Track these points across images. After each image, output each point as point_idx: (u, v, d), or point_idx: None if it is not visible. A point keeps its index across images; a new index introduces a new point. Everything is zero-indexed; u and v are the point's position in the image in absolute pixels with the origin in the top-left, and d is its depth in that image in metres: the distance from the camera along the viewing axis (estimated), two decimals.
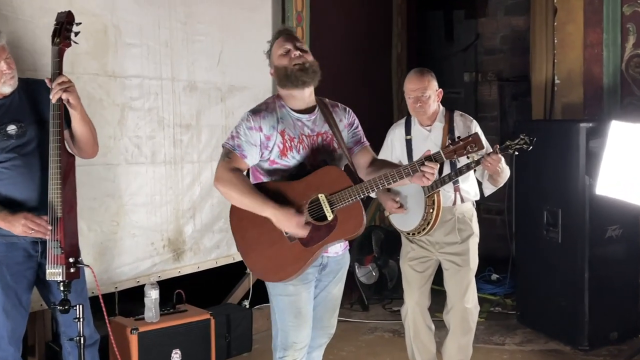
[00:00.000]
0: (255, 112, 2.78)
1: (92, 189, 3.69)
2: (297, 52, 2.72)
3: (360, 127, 2.96)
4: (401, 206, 3.63)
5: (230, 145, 2.74)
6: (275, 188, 2.71)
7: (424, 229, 3.63)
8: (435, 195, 3.58)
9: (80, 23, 2.85)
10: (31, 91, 2.89)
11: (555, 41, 5.24)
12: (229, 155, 2.72)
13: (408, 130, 3.78)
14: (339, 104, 2.97)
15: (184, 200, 4.19)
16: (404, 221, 3.73)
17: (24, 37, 3.33)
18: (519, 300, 5.09)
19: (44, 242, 2.81)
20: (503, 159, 3.41)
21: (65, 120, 2.83)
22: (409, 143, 3.76)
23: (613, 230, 4.46)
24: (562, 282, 4.54)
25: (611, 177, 3.63)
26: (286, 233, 2.69)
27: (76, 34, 2.84)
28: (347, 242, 2.95)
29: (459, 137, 2.65)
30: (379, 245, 5.52)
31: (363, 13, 5.73)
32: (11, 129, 2.81)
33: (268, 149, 2.74)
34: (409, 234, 3.73)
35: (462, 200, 3.71)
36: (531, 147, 3.31)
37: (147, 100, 3.95)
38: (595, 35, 5.03)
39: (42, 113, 2.85)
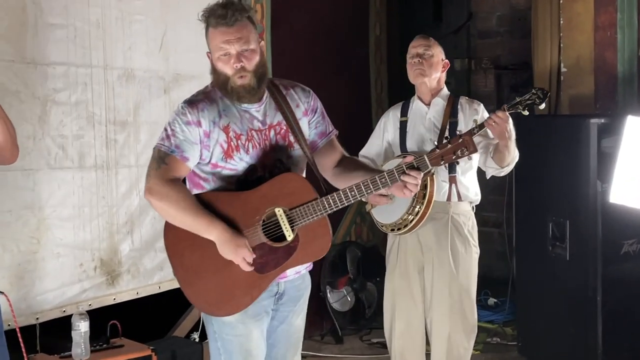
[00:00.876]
0: (192, 102, 2.70)
1: (7, 200, 3.63)
2: (239, 65, 2.63)
3: (325, 115, 2.90)
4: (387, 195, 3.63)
5: (166, 146, 2.65)
6: (221, 200, 2.66)
7: (411, 221, 3.61)
8: (429, 178, 3.57)
9: None
10: None
11: (562, 22, 5.30)
12: (166, 160, 2.64)
13: (404, 112, 3.88)
14: (298, 85, 2.88)
15: (120, 212, 4.15)
16: (387, 212, 3.71)
17: None
18: (520, 328, 5.12)
19: None
20: (511, 121, 3.45)
21: None
22: (403, 125, 3.84)
23: (630, 245, 4.51)
24: (571, 306, 4.57)
25: (628, 182, 3.65)
26: None
27: None
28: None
29: (447, 138, 2.62)
30: (355, 264, 5.52)
31: None
32: None
33: (208, 149, 2.67)
34: (392, 229, 3.72)
35: (459, 198, 3.73)
36: (544, 104, 3.40)
37: (73, 93, 3.91)
38: (608, 16, 5.09)
39: None
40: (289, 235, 2.61)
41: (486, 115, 3.75)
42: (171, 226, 2.70)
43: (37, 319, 3.78)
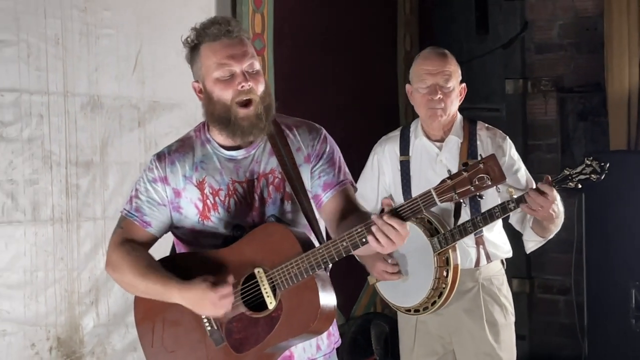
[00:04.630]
0: (161, 155, 2.78)
1: None
2: (248, 85, 2.64)
3: (337, 161, 2.82)
4: (398, 270, 3.63)
5: (126, 210, 2.76)
6: (192, 262, 2.70)
7: (433, 304, 3.62)
8: (450, 251, 3.59)
9: None
10: None
11: None
12: (122, 224, 2.75)
13: (405, 148, 3.78)
14: (305, 123, 2.85)
15: (82, 277, 4.19)
16: (401, 292, 3.70)
17: None
18: None
19: None
20: (559, 197, 3.41)
21: None
22: (405, 167, 3.76)
23: None
24: None
25: None
26: (209, 330, 2.66)
27: None
28: (331, 341, 2.88)
29: (465, 164, 2.46)
30: (381, 342, 5.50)
31: None
32: None
33: (180, 212, 2.75)
34: (409, 311, 3.72)
35: (488, 259, 3.71)
36: (602, 177, 3.32)
37: (26, 126, 3.97)
38: None
39: None
40: (271, 303, 2.61)
41: (514, 153, 3.71)
42: (141, 297, 2.76)
43: None
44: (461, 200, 2.49)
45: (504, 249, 3.77)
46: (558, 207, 3.42)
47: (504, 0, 6.60)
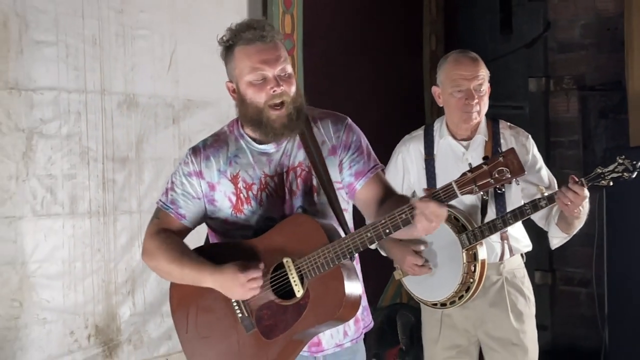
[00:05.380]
0: (196, 150, 2.85)
1: None
2: (280, 89, 2.69)
3: (365, 149, 2.86)
4: (425, 263, 3.64)
5: (162, 202, 2.85)
6: (226, 251, 2.78)
7: (460, 297, 3.66)
8: (478, 246, 3.62)
9: None
10: None
11: None
12: (159, 216, 2.85)
13: (429, 147, 3.79)
14: (331, 115, 2.89)
15: (118, 268, 4.25)
16: (428, 287, 3.73)
17: None
18: None
19: None
20: (588, 196, 3.43)
21: None
22: (430, 165, 3.77)
23: None
24: None
25: None
26: (240, 316, 2.73)
27: None
28: (359, 326, 2.94)
29: (485, 157, 2.50)
30: (407, 332, 5.50)
31: None
32: None
33: (214, 204, 2.82)
34: (435, 304, 3.77)
35: (511, 253, 3.74)
36: (634, 175, 3.33)
37: (65, 123, 4.03)
38: None
39: None
40: (298, 291, 2.68)
41: (536, 152, 3.72)
42: (176, 285, 2.85)
43: None
44: (481, 193, 2.53)
45: (525, 243, 3.80)
46: (586, 205, 3.45)
47: (527, 0, 6.62)
